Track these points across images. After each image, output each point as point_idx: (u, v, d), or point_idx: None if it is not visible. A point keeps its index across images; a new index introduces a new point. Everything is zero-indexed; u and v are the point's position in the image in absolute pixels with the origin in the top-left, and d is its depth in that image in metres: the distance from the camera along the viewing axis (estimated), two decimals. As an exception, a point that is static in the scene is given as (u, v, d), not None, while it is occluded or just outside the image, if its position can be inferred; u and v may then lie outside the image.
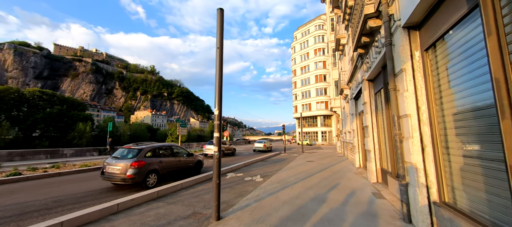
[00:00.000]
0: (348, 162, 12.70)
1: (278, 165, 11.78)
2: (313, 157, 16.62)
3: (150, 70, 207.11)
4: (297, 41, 51.00)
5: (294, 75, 51.19)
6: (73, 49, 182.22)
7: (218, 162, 3.99)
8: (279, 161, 14.10)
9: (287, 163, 12.92)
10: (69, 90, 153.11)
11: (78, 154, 16.75)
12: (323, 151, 23.14)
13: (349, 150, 13.43)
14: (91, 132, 75.96)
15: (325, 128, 44.94)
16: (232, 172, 9.40)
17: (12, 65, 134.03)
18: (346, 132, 14.87)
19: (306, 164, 12.27)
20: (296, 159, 15.38)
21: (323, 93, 44.56)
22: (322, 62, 45.10)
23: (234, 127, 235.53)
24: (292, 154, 19.48)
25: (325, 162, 12.84)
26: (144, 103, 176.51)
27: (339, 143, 21.09)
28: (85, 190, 6.58)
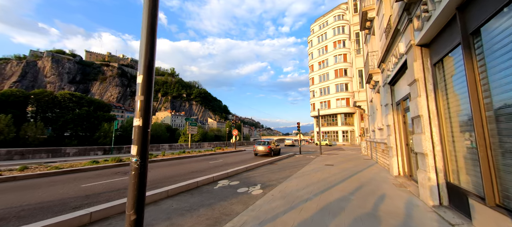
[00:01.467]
0: (379, 167, 9.99)
1: (289, 170, 9.53)
2: (333, 159, 14.02)
3: (170, 72, 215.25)
4: (314, 34, 47.65)
5: (311, 71, 47.91)
6: (102, 55, 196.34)
7: (138, 177, 1.97)
8: (291, 164, 11.80)
9: (300, 167, 10.59)
10: (98, 93, 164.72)
11: (82, 153, 16.12)
12: (345, 153, 20.17)
13: (380, 151, 10.69)
14: (115, 131, 79.81)
15: (346, 126, 41.10)
16: (227, 178, 7.42)
17: (50, 71, 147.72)
18: (375, 129, 12.07)
19: (324, 169, 9.83)
20: (312, 161, 12.95)
21: (343, 89, 40.79)
22: (343, 55, 41.33)
23: (251, 127, 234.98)
24: (308, 156, 16.98)
25: (349, 167, 10.27)
26: (164, 104, 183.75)
27: (364, 143, 18.05)
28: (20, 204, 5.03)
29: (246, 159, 14.82)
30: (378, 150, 11.41)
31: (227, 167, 10.33)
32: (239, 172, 8.57)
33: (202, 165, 11.05)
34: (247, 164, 10.47)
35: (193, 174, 8.18)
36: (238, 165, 10.66)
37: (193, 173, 8.47)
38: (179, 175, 8.18)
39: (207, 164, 11.33)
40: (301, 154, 18.79)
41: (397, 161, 7.17)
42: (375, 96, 10.94)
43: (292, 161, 13.21)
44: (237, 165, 11.16)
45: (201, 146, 30.43)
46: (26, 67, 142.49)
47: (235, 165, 11.00)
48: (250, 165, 9.92)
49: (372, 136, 13.45)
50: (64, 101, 77.18)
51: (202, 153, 15.91)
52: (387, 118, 7.84)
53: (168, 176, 8.05)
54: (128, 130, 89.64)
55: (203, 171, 9.15)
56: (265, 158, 15.16)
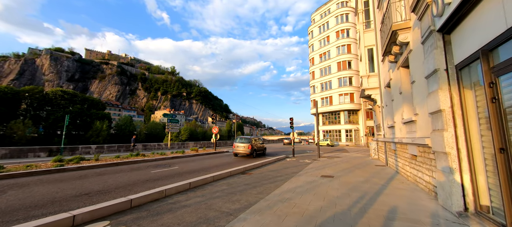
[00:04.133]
0: (403, 181, 6.29)
1: (261, 188, 5.92)
2: (333, 166, 10.33)
3: (170, 71, 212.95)
4: (315, 24, 43.73)
5: (312, 64, 44.01)
6: (102, 54, 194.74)
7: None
8: (272, 175, 8.16)
9: (282, 181, 6.95)
10: (97, 91, 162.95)
11: (14, 154, 12.69)
12: (349, 156, 16.42)
13: (404, 157, 6.99)
14: (109, 130, 77.19)
15: (350, 125, 37.21)
16: (115, 216, 3.82)
17: (49, 69, 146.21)
18: (395, 124, 8.35)
19: (318, 186, 6.18)
20: (304, 169, 9.29)
21: (347, 83, 36.87)
22: (346, 45, 37.39)
23: (252, 127, 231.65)
24: (302, 160, 13.31)
25: (357, 181, 6.59)
26: (164, 103, 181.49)
27: (374, 144, 14.29)
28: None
29: (218, 163, 11.19)
30: (400, 155, 7.68)
31: (166, 181, 6.73)
32: (165, 194, 4.95)
33: (129, 177, 7.45)
34: (203, 176, 6.86)
35: (70, 202, 4.61)
36: (185, 177, 7.07)
37: (76, 197, 4.92)
38: (38, 206, 4.64)
39: (145, 175, 7.73)
40: (294, 156, 15.10)
41: (471, 181, 3.49)
42: (399, 74, 7.22)
43: (277, 168, 9.55)
44: (185, 176, 7.55)
45: (186, 145, 26.93)
46: (24, 65, 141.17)
47: (182, 177, 7.40)
48: (201, 179, 6.29)
49: (389, 134, 9.71)
50: (56, 99, 74.54)
51: (161, 156, 12.33)
52: (434, 97, 4.13)
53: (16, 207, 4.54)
54: (122, 129, 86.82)
55: (107, 192, 5.55)
56: (245, 160, 11.54)
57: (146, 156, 11.91)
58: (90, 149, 17.03)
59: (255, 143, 13.84)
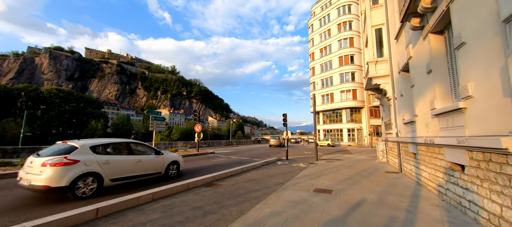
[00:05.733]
0: (439, 204, 4.04)
1: (218, 214, 3.73)
2: (332, 173, 8.10)
3: (170, 70, 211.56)
4: (316, 17, 41.30)
5: (312, 60, 41.60)
6: (102, 52, 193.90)
7: None
8: (250, 188, 5.99)
9: (260, 197, 4.77)
10: (96, 90, 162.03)
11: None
12: (352, 158, 14.16)
13: (432, 166, 4.77)
14: (104, 129, 75.58)
15: (352, 124, 34.83)
16: None
17: (48, 68, 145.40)
18: (417, 118, 6.12)
19: (306, 207, 3.97)
20: (294, 178, 7.07)
21: (349, 79, 34.46)
22: (348, 39, 34.94)
23: (253, 126, 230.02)
24: (297, 163, 11.08)
25: (365, 202, 4.37)
26: (164, 102, 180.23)
27: (382, 144, 12.02)
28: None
29: (189, 170, 9.00)
30: (427, 162, 5.43)
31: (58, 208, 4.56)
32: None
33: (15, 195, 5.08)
34: (137, 194, 4.68)
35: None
36: (106, 196, 4.90)
37: None
38: None
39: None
40: (287, 159, 12.85)
41: None
42: (427, 45, 4.98)
43: (259, 176, 7.33)
44: (114, 192, 5.39)
45: (174, 145, 24.87)
46: (23, 64, 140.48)
47: (104, 196, 5.23)
48: (119, 201, 4.11)
49: (405, 132, 7.45)
50: (51, 97, 72.92)
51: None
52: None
53: None
54: (119, 128, 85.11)
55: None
56: (227, 165, 9.31)
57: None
58: (56, 150, 14.96)
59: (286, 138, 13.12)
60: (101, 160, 5.25)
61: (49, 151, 5.17)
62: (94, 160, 5.14)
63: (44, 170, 4.54)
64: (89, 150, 5.23)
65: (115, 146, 6.02)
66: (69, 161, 4.75)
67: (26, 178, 4.68)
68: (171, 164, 7.34)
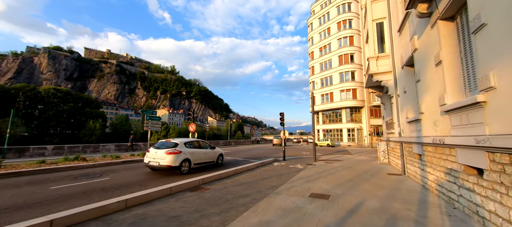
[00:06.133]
0: (451, 212, 3.50)
1: (198, 224, 3.20)
2: (330, 175, 7.56)
3: (170, 70, 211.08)
4: (315, 15, 40.76)
5: (311, 59, 41.05)
6: (101, 52, 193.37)
7: None
8: (240, 192, 5.48)
9: (249, 203, 4.25)
10: (95, 90, 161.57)
11: None
12: (352, 159, 13.63)
13: (442, 169, 4.24)
14: (103, 129, 74.97)
15: (352, 124, 34.29)
16: None
17: (47, 68, 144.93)
18: (422, 116, 5.60)
19: (300, 216, 3.43)
20: (289, 181, 6.53)
21: (349, 78, 33.91)
22: (348, 37, 34.39)
23: (253, 126, 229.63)
24: (294, 164, 10.55)
25: (366, 210, 3.83)
26: (163, 102, 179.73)
27: (383, 145, 11.50)
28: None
29: (127, 181, 8.47)
30: (435, 164, 4.91)
31: (38, 210, 4.05)
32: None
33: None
34: (110, 200, 4.16)
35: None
36: (90, 199, 4.39)
37: None
38: None
39: (31, 194, 5.08)
40: (284, 159, 12.31)
41: None
42: (436, 34, 4.46)
43: (252, 179, 6.80)
44: (100, 195, 4.88)
45: (171, 146, 24.31)
46: (22, 63, 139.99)
47: (86, 198, 4.72)
48: (80, 211, 3.58)
49: (409, 132, 6.92)
50: (48, 97, 72.35)
51: (106, 161, 9.54)
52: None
53: None
54: (118, 128, 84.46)
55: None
56: (217, 167, 8.67)
57: (88, 160, 9.27)
58: (45, 150, 14.44)
59: (283, 138, 13.39)
60: (189, 151, 8.22)
61: (164, 145, 8.06)
62: (187, 151, 8.14)
63: (167, 156, 7.44)
64: (184, 145, 8.20)
65: (193, 143, 8.89)
66: (178, 151, 7.72)
67: (155, 161, 7.54)
68: (219, 156, 10.08)
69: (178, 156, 7.51)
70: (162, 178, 7.01)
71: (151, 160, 7.57)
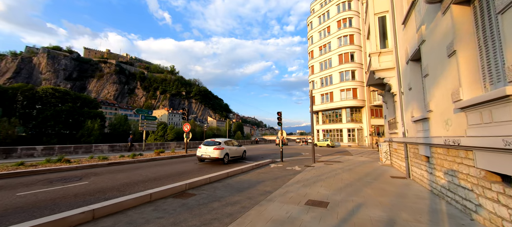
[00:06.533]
0: (462, 219, 2.97)
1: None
2: (330, 178, 7.02)
3: (170, 70, 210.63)
4: (315, 14, 40.23)
5: (311, 58, 40.52)
6: (101, 52, 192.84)
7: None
8: (228, 198, 4.93)
9: (237, 214, 3.69)
10: (95, 90, 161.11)
11: None
12: (352, 160, 13.09)
13: (463, 176, 3.70)
14: (101, 129, 74.40)
15: (352, 124, 33.76)
16: None
17: (46, 67, 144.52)
18: (425, 117, 5.07)
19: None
20: (285, 185, 6.00)
21: (349, 77, 33.37)
22: (349, 36, 33.86)
23: (253, 126, 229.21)
24: (292, 166, 10.02)
25: (370, 221, 3.30)
26: (163, 102, 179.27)
27: (386, 146, 10.96)
28: None
29: (163, 175, 7.92)
30: (443, 166, 4.38)
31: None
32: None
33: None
34: (69, 212, 3.62)
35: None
36: (41, 212, 3.87)
37: None
38: None
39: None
40: (282, 161, 11.78)
41: None
42: (448, 21, 3.93)
43: (240, 185, 6.27)
44: (63, 203, 4.36)
45: (167, 146, 23.84)
46: (21, 63, 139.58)
47: (39, 211, 4.20)
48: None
49: (415, 131, 6.39)
50: (46, 97, 71.84)
51: (90, 163, 9.01)
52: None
53: None
54: (117, 128, 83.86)
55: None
56: (208, 169, 8.13)
57: (72, 162, 8.75)
58: (35, 151, 13.91)
59: (282, 137, 13.53)
60: (228, 148, 11.19)
61: (211, 143, 10.99)
62: (226, 147, 11.07)
63: (214, 151, 10.48)
64: (224, 143, 11.16)
65: (228, 142, 11.74)
66: (221, 148, 10.71)
67: (206, 154, 10.59)
68: (243, 152, 13.10)
69: (222, 151, 10.64)
70: (150, 182, 6.47)
71: (203, 154, 10.81)
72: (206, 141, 11.22)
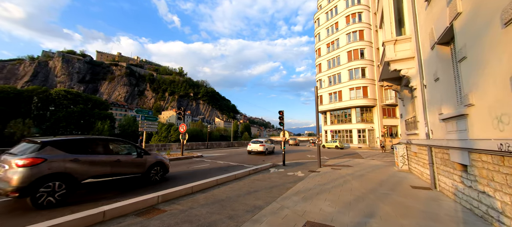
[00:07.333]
0: None
1: None
2: (337, 187, 5.85)
3: (178, 72, 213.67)
4: (322, 10, 38.66)
5: (318, 56, 38.95)
6: (112, 55, 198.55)
7: None
8: (205, 218, 3.85)
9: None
10: (106, 92, 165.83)
11: None
12: (363, 164, 11.73)
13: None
14: (111, 130, 75.97)
15: (363, 124, 31.94)
16: None
17: (60, 71, 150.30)
18: (461, 113, 3.81)
19: None
20: (281, 196, 4.91)
21: (359, 75, 31.61)
22: (358, 31, 32.11)
23: (260, 127, 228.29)
24: (294, 171, 8.88)
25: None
26: (171, 104, 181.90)
27: (402, 148, 9.60)
28: None
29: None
30: (493, 179, 3.14)
31: None
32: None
33: None
34: None
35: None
36: None
37: None
38: None
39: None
40: (284, 165, 10.66)
41: None
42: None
43: (232, 194, 5.23)
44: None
45: (169, 147, 23.27)
46: (37, 67, 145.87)
47: None
48: None
49: (442, 132, 5.11)
50: (59, 99, 74.19)
51: None
52: None
53: None
54: (126, 129, 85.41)
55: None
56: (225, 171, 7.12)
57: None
58: (29, 152, 13.54)
59: (285, 138, 13.16)
60: (267, 145, 17.54)
61: (256, 141, 17.40)
62: (266, 145, 17.47)
63: (260, 147, 17.01)
64: (264, 142, 17.66)
65: (267, 141, 18.58)
66: (264, 144, 17.23)
67: (255, 149, 16.98)
68: (273, 148, 18.99)
69: (264, 147, 16.71)
70: (123, 193, 5.57)
71: (252, 149, 16.92)
72: (253, 140, 17.92)
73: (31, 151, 4.37)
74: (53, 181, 4.25)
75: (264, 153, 16.82)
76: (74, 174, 4.55)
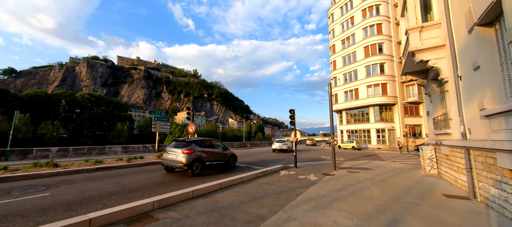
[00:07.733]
0: None
1: None
2: (354, 194, 5.13)
3: (193, 74, 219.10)
4: (336, 5, 36.98)
5: (333, 53, 37.30)
6: (132, 60, 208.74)
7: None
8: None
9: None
10: (126, 95, 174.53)
11: None
12: (384, 167, 10.68)
13: None
14: (130, 131, 79.57)
15: (382, 123, 29.97)
16: None
17: (86, 75, 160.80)
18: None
19: None
20: (289, 205, 4.34)
21: (377, 71, 29.67)
22: (376, 25, 30.16)
23: (274, 127, 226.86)
24: (306, 174, 8.21)
25: None
26: (186, 105, 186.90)
27: (430, 150, 8.52)
28: None
29: (139, 186, 6.78)
30: None
31: None
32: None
33: None
34: None
35: None
36: None
37: None
38: None
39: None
40: (296, 166, 9.98)
41: None
42: None
43: (227, 204, 4.73)
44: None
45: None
46: (65, 72, 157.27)
47: None
48: None
49: (484, 132, 4.21)
50: (83, 102, 79.17)
51: (65, 169, 8.11)
52: None
53: None
54: (144, 130, 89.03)
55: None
56: (196, 179, 6.83)
57: (60, 166, 8.18)
58: (49, 152, 14.20)
59: (295, 139, 12.35)
60: (288, 143, 20.91)
61: (280, 141, 21.22)
62: (288, 143, 20.83)
63: (283, 146, 20.38)
64: (287, 141, 21.29)
65: (288, 140, 21.46)
66: (286, 143, 20.69)
67: (280, 148, 20.32)
68: (296, 146, 14.55)
69: (287, 146, 20.05)
70: (120, 196, 5.34)
71: (277, 148, 20.08)
72: (277, 139, 20.81)
73: (183, 146, 7.80)
74: (197, 162, 7.74)
75: (287, 150, 19.87)
76: (204, 159, 8.03)
